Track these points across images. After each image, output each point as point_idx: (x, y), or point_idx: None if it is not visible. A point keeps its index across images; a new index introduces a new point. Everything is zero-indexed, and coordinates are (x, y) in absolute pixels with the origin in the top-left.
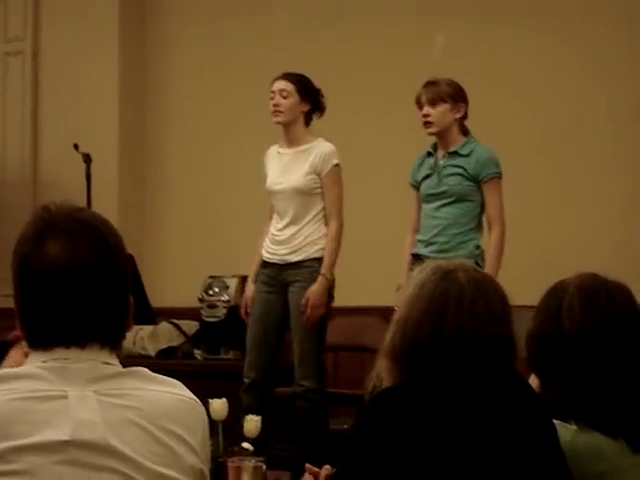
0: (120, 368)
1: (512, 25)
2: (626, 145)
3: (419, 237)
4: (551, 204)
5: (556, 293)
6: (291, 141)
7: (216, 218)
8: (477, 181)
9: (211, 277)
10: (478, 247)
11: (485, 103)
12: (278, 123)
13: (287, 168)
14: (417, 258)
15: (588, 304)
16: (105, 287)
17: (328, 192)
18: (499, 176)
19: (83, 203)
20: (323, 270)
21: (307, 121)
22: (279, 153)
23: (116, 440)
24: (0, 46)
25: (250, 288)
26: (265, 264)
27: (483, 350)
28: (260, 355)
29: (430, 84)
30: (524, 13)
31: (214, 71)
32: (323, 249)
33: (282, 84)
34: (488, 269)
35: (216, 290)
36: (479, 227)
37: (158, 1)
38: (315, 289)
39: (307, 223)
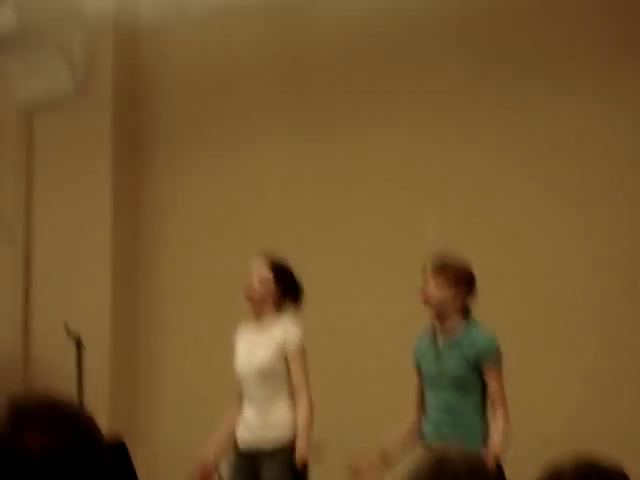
0: None
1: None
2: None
3: (428, 427)
4: (543, 383)
5: (551, 478)
6: (257, 320)
7: (210, 404)
8: (478, 367)
9: None
10: (486, 433)
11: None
12: (248, 302)
13: (252, 349)
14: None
15: None
16: (87, 472)
17: (294, 370)
18: (500, 360)
19: (73, 386)
20: (299, 440)
21: (278, 305)
22: (245, 334)
23: None
24: None
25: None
26: (238, 448)
27: None
28: None
29: (439, 261)
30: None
31: (209, 247)
32: (295, 434)
33: (262, 271)
34: (493, 449)
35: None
36: (485, 413)
37: (149, 183)
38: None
39: (276, 408)
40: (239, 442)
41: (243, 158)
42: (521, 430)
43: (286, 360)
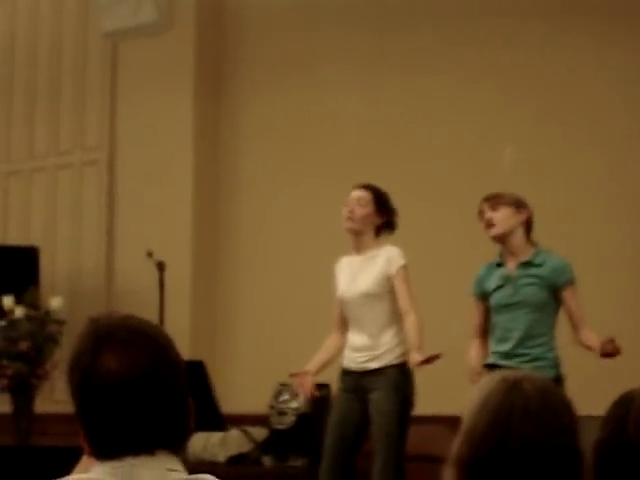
0: (185, 475)
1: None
2: None
3: (497, 348)
4: (619, 308)
5: (622, 403)
6: (359, 249)
7: (288, 326)
8: (553, 289)
9: (281, 384)
10: (557, 356)
11: (552, 218)
12: (349, 229)
13: (357, 275)
14: (495, 368)
15: None
16: (165, 393)
17: (400, 290)
18: (575, 281)
19: (155, 310)
20: (417, 346)
21: (377, 233)
22: (349, 262)
23: None
24: (77, 155)
25: (309, 378)
26: (345, 371)
27: (549, 463)
28: (337, 462)
29: (490, 195)
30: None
31: (288, 178)
32: (402, 355)
33: (361, 192)
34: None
35: (286, 397)
36: (554, 336)
37: (230, 114)
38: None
39: (383, 329)
40: (345, 363)
41: (323, 92)
42: (589, 359)
43: (391, 284)
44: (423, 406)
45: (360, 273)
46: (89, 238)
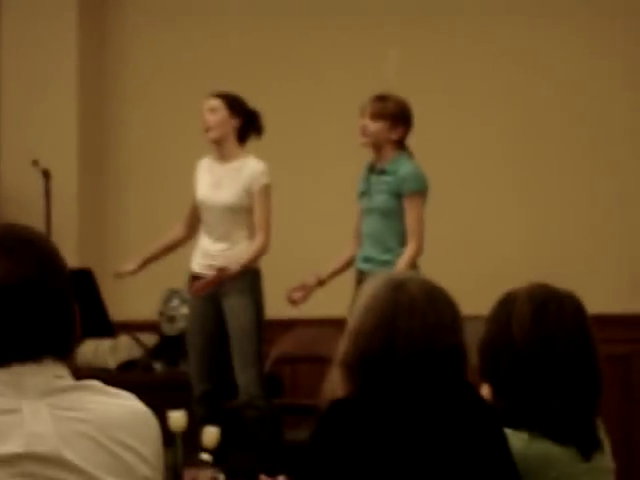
0: (72, 381)
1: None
2: (578, 150)
3: (358, 252)
4: (502, 213)
5: (507, 302)
6: (223, 157)
7: None
8: (400, 195)
9: (171, 290)
10: None
11: (433, 114)
12: (210, 140)
13: (218, 184)
14: (360, 272)
15: (538, 314)
16: (49, 300)
17: (257, 209)
18: (419, 192)
19: (42, 219)
20: (239, 259)
21: (240, 138)
22: (210, 168)
23: (68, 452)
24: None
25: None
26: (194, 277)
27: (434, 361)
28: (204, 367)
29: (378, 98)
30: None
31: (175, 84)
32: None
33: (211, 101)
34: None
35: (175, 303)
36: (405, 243)
37: (117, 25)
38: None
39: (238, 240)
40: (196, 267)
41: (213, 20)
42: (473, 259)
43: (251, 197)
44: (315, 308)
45: (223, 183)
46: None
